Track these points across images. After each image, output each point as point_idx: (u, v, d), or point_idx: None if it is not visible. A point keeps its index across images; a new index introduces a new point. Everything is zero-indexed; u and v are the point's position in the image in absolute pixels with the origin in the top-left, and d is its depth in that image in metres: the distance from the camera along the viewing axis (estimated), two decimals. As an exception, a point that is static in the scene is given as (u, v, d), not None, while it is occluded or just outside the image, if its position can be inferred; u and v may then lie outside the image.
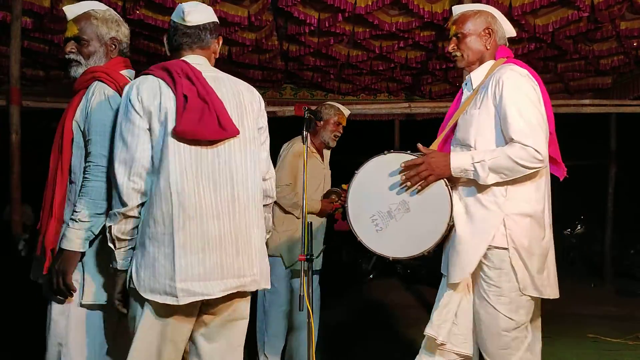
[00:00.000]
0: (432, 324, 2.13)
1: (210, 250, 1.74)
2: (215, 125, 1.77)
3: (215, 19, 1.98)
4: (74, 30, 2.01)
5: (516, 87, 2.02)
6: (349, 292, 5.96)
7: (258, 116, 1.92)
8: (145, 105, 1.75)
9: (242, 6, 4.44)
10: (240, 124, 1.83)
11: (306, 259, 2.15)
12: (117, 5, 4.27)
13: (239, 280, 1.78)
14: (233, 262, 1.77)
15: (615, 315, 5.43)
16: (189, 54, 1.90)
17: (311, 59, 5.54)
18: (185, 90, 1.76)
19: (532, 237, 2.04)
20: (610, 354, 4.06)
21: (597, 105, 5.51)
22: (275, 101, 6.40)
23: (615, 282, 7.06)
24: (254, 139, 1.88)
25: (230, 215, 1.79)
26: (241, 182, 1.82)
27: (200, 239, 1.73)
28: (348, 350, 4.06)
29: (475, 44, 2.19)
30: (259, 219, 1.88)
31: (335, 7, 4.34)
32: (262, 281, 1.86)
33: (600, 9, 4.39)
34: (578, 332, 4.64)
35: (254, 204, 1.85)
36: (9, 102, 3.85)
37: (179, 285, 1.69)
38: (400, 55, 5.46)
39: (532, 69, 2.13)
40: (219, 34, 2.00)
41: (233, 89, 1.86)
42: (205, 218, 1.75)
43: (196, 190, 1.75)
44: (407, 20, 4.68)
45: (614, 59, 5.56)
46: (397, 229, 2.18)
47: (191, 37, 1.90)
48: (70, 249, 1.82)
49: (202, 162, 1.78)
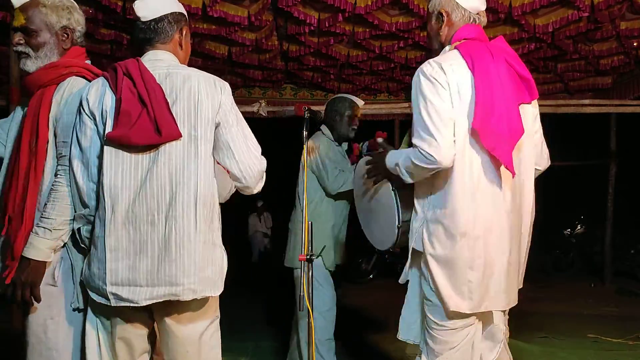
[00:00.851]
0: (400, 329, 2.13)
1: (141, 257, 1.68)
2: (149, 130, 1.68)
3: (175, 9, 1.87)
4: (21, 20, 1.84)
5: (415, 88, 1.91)
6: (349, 292, 5.96)
7: (219, 112, 1.77)
8: (90, 106, 1.74)
9: (242, 6, 4.43)
10: (186, 124, 1.73)
11: (306, 259, 2.15)
12: (117, 5, 4.27)
13: (170, 288, 1.69)
14: (164, 269, 1.68)
15: (615, 315, 5.43)
16: (150, 49, 1.84)
17: (311, 59, 5.54)
18: (124, 91, 1.70)
19: (443, 244, 1.90)
20: (611, 354, 4.05)
21: (597, 105, 5.50)
22: (275, 101, 6.40)
23: (615, 282, 7.07)
24: (205, 137, 1.74)
25: (166, 221, 1.70)
26: (183, 185, 1.71)
27: (132, 244, 1.69)
28: (348, 351, 4.05)
29: (432, 30, 2.07)
30: (206, 224, 1.75)
31: (335, 7, 4.34)
32: (203, 289, 1.73)
33: (600, 9, 4.38)
34: (578, 332, 4.63)
35: (200, 209, 1.73)
36: (9, 102, 3.84)
37: (109, 289, 1.68)
38: (400, 55, 5.46)
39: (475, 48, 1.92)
40: (183, 24, 1.89)
41: (186, 86, 1.74)
42: (138, 223, 1.69)
43: (129, 195, 1.69)
44: (407, 20, 4.68)
45: (614, 59, 5.56)
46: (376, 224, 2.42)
47: (146, 32, 1.83)
48: (39, 259, 1.73)
49: (138, 166, 1.71)
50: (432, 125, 1.83)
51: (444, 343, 1.96)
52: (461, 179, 1.87)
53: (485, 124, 1.82)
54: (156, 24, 1.83)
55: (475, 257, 1.88)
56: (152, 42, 1.84)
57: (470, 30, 1.97)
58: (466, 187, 1.87)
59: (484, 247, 1.88)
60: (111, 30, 4.82)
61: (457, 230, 1.87)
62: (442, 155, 1.82)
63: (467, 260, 1.88)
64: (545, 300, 5.99)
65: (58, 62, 1.87)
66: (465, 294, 1.89)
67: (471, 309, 1.90)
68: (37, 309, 1.80)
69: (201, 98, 1.75)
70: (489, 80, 1.85)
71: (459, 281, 1.89)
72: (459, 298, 1.90)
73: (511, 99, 1.87)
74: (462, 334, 1.96)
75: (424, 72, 1.88)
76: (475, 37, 1.96)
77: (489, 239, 1.88)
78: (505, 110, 1.84)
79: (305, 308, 2.12)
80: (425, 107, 1.85)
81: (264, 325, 4.85)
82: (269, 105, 4.97)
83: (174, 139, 1.71)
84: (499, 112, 1.83)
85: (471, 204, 1.87)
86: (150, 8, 1.83)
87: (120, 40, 4.93)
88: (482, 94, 1.83)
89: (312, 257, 2.16)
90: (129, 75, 1.72)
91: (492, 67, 1.87)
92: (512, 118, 1.85)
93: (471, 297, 1.89)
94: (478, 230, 1.87)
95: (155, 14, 1.83)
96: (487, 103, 1.82)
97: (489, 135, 1.82)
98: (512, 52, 1.98)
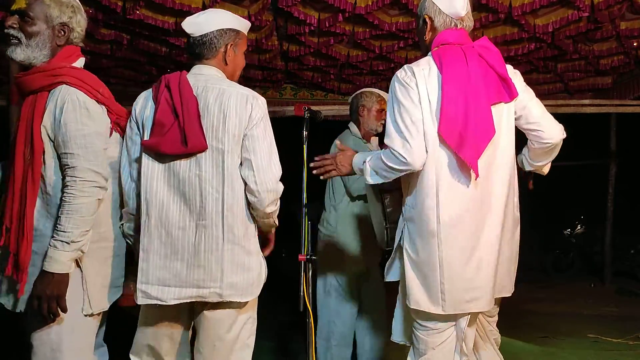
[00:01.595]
0: (394, 330, 2.16)
1: (172, 259, 1.83)
2: (177, 140, 1.80)
3: (221, 25, 1.95)
4: (21, 3, 1.82)
5: (390, 92, 1.98)
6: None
7: (248, 127, 1.86)
8: (137, 114, 1.92)
9: (242, 6, 4.43)
10: (214, 136, 1.83)
11: (306, 259, 2.15)
12: (117, 5, 4.27)
13: (197, 290, 1.84)
14: (192, 273, 1.83)
15: (615, 315, 5.43)
16: (198, 64, 1.97)
17: (311, 59, 5.54)
18: (162, 102, 1.83)
19: (415, 244, 1.95)
20: (611, 354, 4.06)
21: (597, 105, 5.50)
22: (275, 101, 6.39)
23: (615, 282, 7.07)
24: (232, 152, 1.85)
25: (197, 228, 1.83)
26: (212, 195, 1.83)
27: (163, 246, 1.84)
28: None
29: (419, 37, 2.14)
30: (233, 233, 1.86)
31: (335, 7, 4.33)
32: (230, 294, 1.85)
33: (600, 9, 4.38)
34: (578, 332, 4.63)
35: (228, 218, 1.84)
36: (9, 102, 3.85)
37: (140, 287, 1.84)
38: (400, 55, 5.46)
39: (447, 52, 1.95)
40: (230, 39, 1.97)
41: (218, 101, 1.86)
42: (170, 228, 1.84)
43: (163, 201, 1.84)
44: (407, 20, 4.68)
45: (614, 59, 5.55)
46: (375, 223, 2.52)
47: (194, 47, 1.96)
48: (61, 272, 1.75)
49: (172, 173, 1.85)
50: (405, 128, 1.89)
51: (426, 343, 1.99)
52: (431, 179, 1.91)
53: (450, 126, 1.86)
54: (202, 40, 1.94)
55: (445, 257, 1.89)
56: (199, 57, 1.96)
57: (449, 35, 2.01)
58: (435, 187, 1.91)
59: (454, 248, 1.89)
60: (111, 30, 4.81)
61: (427, 229, 1.91)
62: (413, 158, 1.87)
63: (438, 261, 1.89)
64: (545, 300, 6.00)
65: (47, 66, 1.84)
66: (437, 296, 1.90)
67: (444, 311, 1.90)
68: None
69: (230, 113, 1.85)
70: (456, 83, 1.88)
71: (430, 283, 1.91)
72: (430, 301, 1.91)
73: (483, 100, 1.89)
74: (444, 335, 1.97)
75: (398, 77, 1.96)
76: (453, 41, 1.99)
77: (458, 239, 1.89)
78: (474, 112, 1.87)
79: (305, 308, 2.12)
80: (399, 110, 1.91)
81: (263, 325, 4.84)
82: (269, 105, 4.97)
83: (199, 150, 1.82)
84: (465, 114, 1.86)
85: (440, 203, 1.89)
86: (198, 25, 1.94)
87: (120, 40, 4.93)
88: (447, 97, 1.87)
89: (312, 257, 2.17)
90: (168, 87, 1.85)
91: (462, 69, 1.90)
92: (481, 119, 1.87)
93: (444, 298, 1.89)
94: (447, 230, 1.89)
95: (201, 30, 1.94)
96: (451, 106, 1.87)
97: (454, 138, 1.86)
98: (495, 51, 1.99)
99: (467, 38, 2.04)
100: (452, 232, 1.89)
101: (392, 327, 2.16)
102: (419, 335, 2.00)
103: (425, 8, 2.06)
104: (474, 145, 1.85)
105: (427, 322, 1.97)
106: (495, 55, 1.98)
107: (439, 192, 1.90)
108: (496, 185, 1.96)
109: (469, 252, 1.90)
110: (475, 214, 1.91)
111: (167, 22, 4.55)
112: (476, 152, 1.85)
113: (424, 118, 1.90)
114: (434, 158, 1.91)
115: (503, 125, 1.96)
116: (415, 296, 1.94)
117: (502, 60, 1.98)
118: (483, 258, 1.93)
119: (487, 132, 1.87)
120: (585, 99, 6.02)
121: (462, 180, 1.90)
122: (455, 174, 1.90)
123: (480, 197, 1.92)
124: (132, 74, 5.95)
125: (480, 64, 1.94)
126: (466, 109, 1.87)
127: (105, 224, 1.92)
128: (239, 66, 2.05)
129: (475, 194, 1.91)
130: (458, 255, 1.90)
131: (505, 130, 1.98)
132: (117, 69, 5.79)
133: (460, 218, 1.90)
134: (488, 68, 1.94)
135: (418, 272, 1.94)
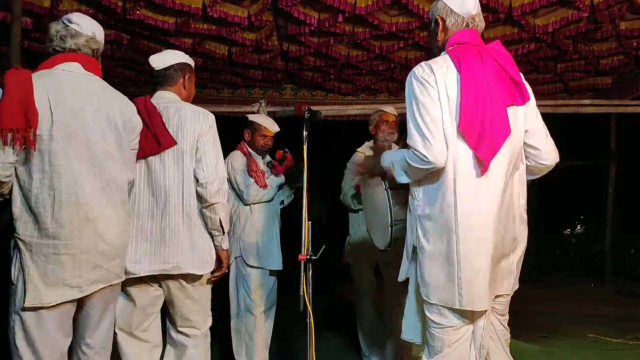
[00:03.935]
0: (404, 328, 2.15)
1: (143, 242, 2.36)
2: (152, 142, 2.33)
3: (181, 60, 2.54)
4: None
5: (407, 90, 1.99)
6: (349, 292, 5.95)
7: (200, 134, 2.39)
8: None
9: (242, 6, 4.43)
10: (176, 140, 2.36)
11: (306, 259, 2.16)
12: (117, 5, 4.27)
13: (163, 265, 2.36)
14: (159, 252, 2.36)
15: (615, 315, 5.43)
16: (160, 89, 2.52)
17: (311, 59, 5.54)
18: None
19: (433, 241, 1.95)
20: (611, 354, 4.06)
21: (597, 105, 5.51)
22: (275, 101, 6.38)
23: (615, 282, 7.07)
24: (188, 152, 2.37)
25: (162, 216, 2.36)
26: (174, 189, 2.37)
27: (137, 232, 2.36)
28: (349, 350, 4.06)
29: (431, 38, 2.16)
30: (190, 220, 2.39)
31: (335, 8, 4.33)
32: (188, 268, 2.39)
33: (600, 9, 4.38)
34: (578, 332, 4.64)
35: (185, 208, 2.38)
36: (9, 102, 3.84)
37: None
38: (400, 55, 5.46)
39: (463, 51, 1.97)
40: (187, 71, 2.56)
41: (177, 115, 2.40)
42: (143, 217, 2.37)
43: (139, 196, 2.38)
44: (407, 21, 4.67)
45: (614, 59, 5.55)
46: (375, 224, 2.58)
47: (157, 78, 2.52)
48: None
49: (146, 173, 2.38)
50: (425, 127, 1.89)
51: (442, 341, 1.98)
52: (449, 176, 1.92)
53: (469, 124, 1.87)
54: (165, 73, 2.51)
55: (461, 252, 1.90)
56: (161, 84, 2.53)
57: (462, 35, 2.03)
58: (453, 183, 1.91)
59: (470, 243, 1.90)
60: (111, 30, 4.81)
61: (445, 225, 1.91)
62: (435, 156, 1.88)
63: (454, 256, 1.90)
64: (545, 300, 6.00)
65: None
66: (454, 291, 1.91)
67: (461, 306, 1.92)
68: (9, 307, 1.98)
69: (186, 123, 2.39)
70: (474, 81, 1.90)
71: (448, 278, 1.92)
72: (448, 295, 1.92)
73: (499, 100, 1.91)
74: (459, 332, 1.98)
75: (415, 74, 1.95)
76: (467, 41, 2.01)
77: (475, 235, 1.90)
78: (490, 111, 1.88)
79: (305, 308, 2.12)
80: (418, 109, 1.91)
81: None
82: (269, 105, 4.97)
83: (171, 146, 2.36)
84: (483, 112, 1.88)
85: (458, 200, 1.90)
86: (161, 61, 2.52)
87: (121, 40, 4.93)
88: (466, 95, 1.88)
89: (312, 257, 2.17)
90: (136, 105, 2.31)
91: (479, 69, 1.92)
92: (498, 119, 1.89)
93: (461, 293, 1.91)
94: (465, 225, 1.90)
95: (164, 64, 2.51)
96: (471, 104, 1.88)
97: (472, 135, 1.88)
98: (507, 55, 2.02)
99: (480, 39, 2.06)
100: (470, 227, 1.90)
101: (403, 325, 2.15)
102: (434, 333, 2.00)
103: (437, 10, 2.09)
104: (491, 144, 1.87)
105: (443, 320, 1.97)
106: (508, 58, 2.00)
107: (457, 189, 1.91)
108: (513, 183, 1.99)
109: (486, 247, 1.91)
110: (495, 212, 1.92)
111: (167, 22, 4.55)
112: (492, 151, 1.87)
113: (444, 115, 1.90)
114: (452, 155, 1.91)
115: (515, 127, 1.97)
116: (434, 292, 1.95)
117: (514, 64, 2.00)
118: (500, 256, 1.96)
119: (504, 131, 1.89)
120: (585, 99, 6.02)
121: (479, 177, 1.91)
122: (472, 171, 1.91)
123: (499, 195, 1.93)
124: (132, 74, 5.95)
125: (494, 65, 1.96)
126: (484, 107, 1.89)
127: None
128: (192, 93, 2.62)
129: (491, 191, 1.92)
130: (476, 250, 1.90)
131: (518, 132, 2.00)
132: (117, 69, 5.80)
133: (478, 214, 1.91)
134: (501, 70, 1.96)
135: (435, 268, 1.94)
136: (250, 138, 3.55)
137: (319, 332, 2.21)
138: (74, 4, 4.38)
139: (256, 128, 3.53)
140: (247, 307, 3.35)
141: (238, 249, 3.36)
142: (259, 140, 3.52)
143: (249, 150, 3.52)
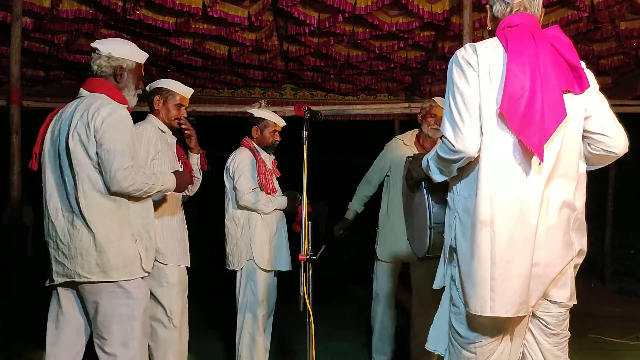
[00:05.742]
0: (430, 337, 1.99)
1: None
2: None
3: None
4: None
5: (448, 73, 1.84)
6: (350, 292, 5.96)
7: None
8: None
9: (242, 6, 4.44)
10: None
11: (306, 259, 2.15)
12: (117, 5, 4.27)
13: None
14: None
15: (615, 315, 5.43)
16: None
17: (311, 59, 5.54)
18: None
19: (468, 236, 1.77)
20: (611, 354, 4.06)
21: (597, 105, 5.49)
22: (275, 101, 6.39)
23: (615, 282, 7.07)
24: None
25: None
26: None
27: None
28: (348, 350, 4.06)
29: (485, 23, 2.04)
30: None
31: (335, 8, 4.33)
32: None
33: (600, 9, 4.38)
34: (578, 332, 4.61)
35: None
36: (9, 102, 3.84)
37: None
38: (400, 55, 5.46)
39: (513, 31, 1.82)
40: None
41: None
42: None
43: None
44: (407, 21, 4.68)
45: (614, 59, 5.55)
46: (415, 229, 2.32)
47: None
48: None
49: None
50: (457, 113, 1.75)
51: (465, 359, 1.83)
52: (488, 165, 1.74)
53: (513, 106, 1.69)
54: None
55: (497, 250, 1.70)
56: None
57: (513, 18, 1.87)
58: (491, 173, 1.73)
59: (507, 240, 1.71)
60: (111, 30, 4.82)
61: (479, 218, 1.72)
62: (465, 144, 1.73)
63: (489, 254, 1.71)
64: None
65: None
66: (486, 294, 1.71)
67: (493, 313, 1.71)
68: None
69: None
70: (522, 61, 1.73)
71: (480, 278, 1.72)
72: (480, 298, 1.73)
73: (554, 83, 1.73)
74: (485, 351, 1.81)
75: (456, 55, 1.82)
76: (519, 24, 1.85)
77: (512, 231, 1.71)
78: (542, 93, 1.70)
79: (305, 308, 2.12)
80: (453, 93, 1.78)
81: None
82: (269, 105, 4.97)
83: None
84: (532, 93, 1.70)
85: (495, 190, 1.72)
86: None
87: (121, 41, 4.93)
88: (512, 74, 1.71)
89: (312, 257, 2.16)
90: None
91: (530, 49, 1.75)
92: (551, 101, 1.70)
93: (493, 297, 1.70)
94: (500, 220, 1.71)
95: None
96: (517, 84, 1.70)
97: (516, 119, 1.69)
98: (566, 41, 1.83)
99: (536, 23, 1.89)
100: (508, 223, 1.71)
101: (429, 334, 1.99)
102: (460, 347, 1.84)
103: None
104: (541, 129, 1.67)
105: (470, 334, 1.80)
106: (567, 44, 1.82)
107: (495, 179, 1.72)
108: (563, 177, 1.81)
109: (524, 247, 1.72)
110: (537, 206, 1.73)
111: (167, 22, 4.55)
112: (543, 136, 1.67)
113: (482, 97, 1.74)
114: (492, 140, 1.73)
115: (573, 115, 1.77)
116: (467, 295, 1.76)
117: (574, 50, 1.82)
118: (541, 258, 1.76)
119: (558, 115, 1.70)
120: (586, 99, 6.01)
121: (522, 167, 1.72)
122: (517, 160, 1.72)
123: (543, 188, 1.74)
124: (132, 74, 5.95)
125: (549, 49, 1.78)
126: (532, 89, 1.70)
127: None
128: None
129: (534, 183, 1.73)
130: (512, 249, 1.71)
131: (576, 121, 1.80)
132: (117, 69, 5.79)
133: (513, 210, 1.72)
134: (558, 55, 1.78)
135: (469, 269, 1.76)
136: (259, 135, 3.42)
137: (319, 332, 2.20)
138: (74, 4, 4.39)
139: (265, 124, 3.42)
140: (254, 308, 3.32)
141: (249, 251, 3.28)
142: (268, 136, 3.41)
143: (256, 147, 3.41)
